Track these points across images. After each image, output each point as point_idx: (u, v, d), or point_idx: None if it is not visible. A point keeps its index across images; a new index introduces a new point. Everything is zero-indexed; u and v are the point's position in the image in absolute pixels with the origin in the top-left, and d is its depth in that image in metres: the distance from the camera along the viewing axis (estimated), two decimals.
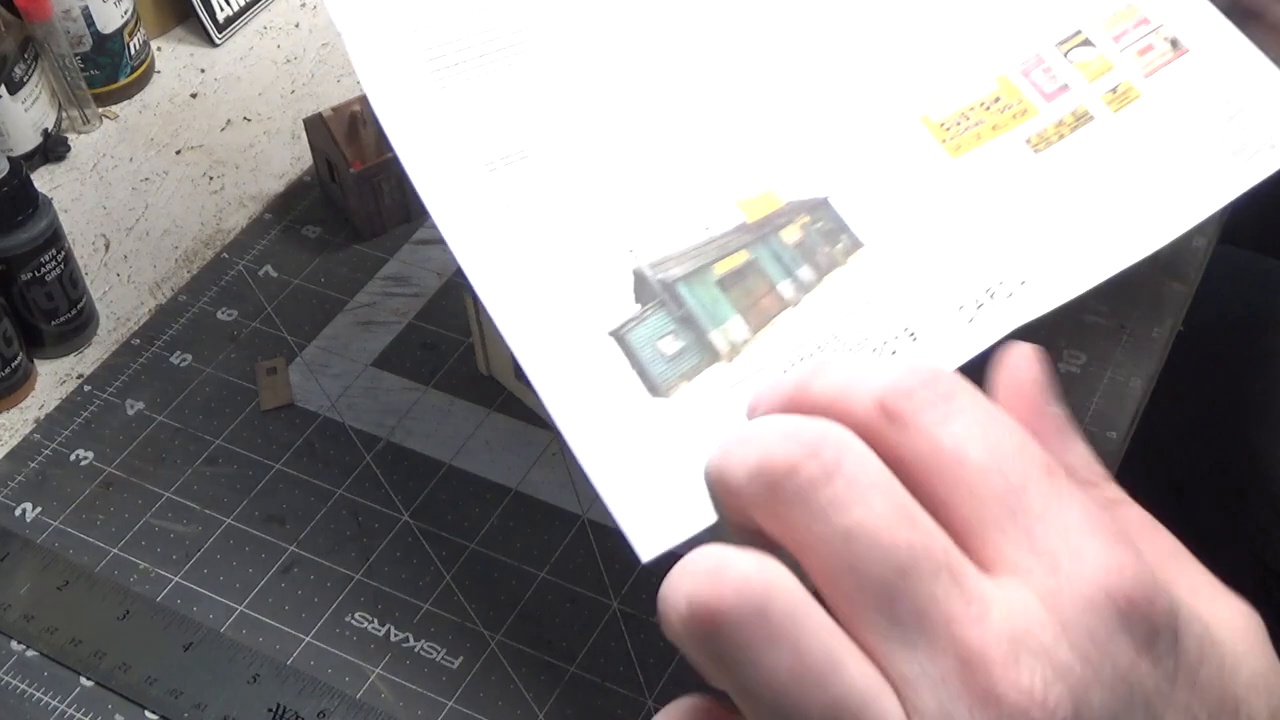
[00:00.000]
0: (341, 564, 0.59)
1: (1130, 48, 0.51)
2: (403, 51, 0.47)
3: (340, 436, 0.63)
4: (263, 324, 0.69)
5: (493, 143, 0.46)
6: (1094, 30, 0.51)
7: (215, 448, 0.63)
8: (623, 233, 0.45)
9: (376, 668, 0.55)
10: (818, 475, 0.27)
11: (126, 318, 0.71)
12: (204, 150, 0.81)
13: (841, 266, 0.45)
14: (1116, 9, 0.52)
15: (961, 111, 0.49)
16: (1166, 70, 0.51)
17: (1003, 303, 0.45)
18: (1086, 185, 0.48)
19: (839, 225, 0.46)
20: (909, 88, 0.50)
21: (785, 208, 0.47)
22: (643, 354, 0.43)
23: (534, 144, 0.47)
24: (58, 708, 0.54)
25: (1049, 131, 0.49)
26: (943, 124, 0.49)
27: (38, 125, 0.79)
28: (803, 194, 0.47)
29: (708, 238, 0.46)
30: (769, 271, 0.45)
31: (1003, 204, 0.47)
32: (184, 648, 0.55)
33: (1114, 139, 0.49)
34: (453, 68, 0.47)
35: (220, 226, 0.75)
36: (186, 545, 0.60)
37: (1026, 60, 0.51)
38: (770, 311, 0.44)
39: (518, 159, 0.46)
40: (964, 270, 0.45)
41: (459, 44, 0.48)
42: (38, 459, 0.64)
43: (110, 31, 0.81)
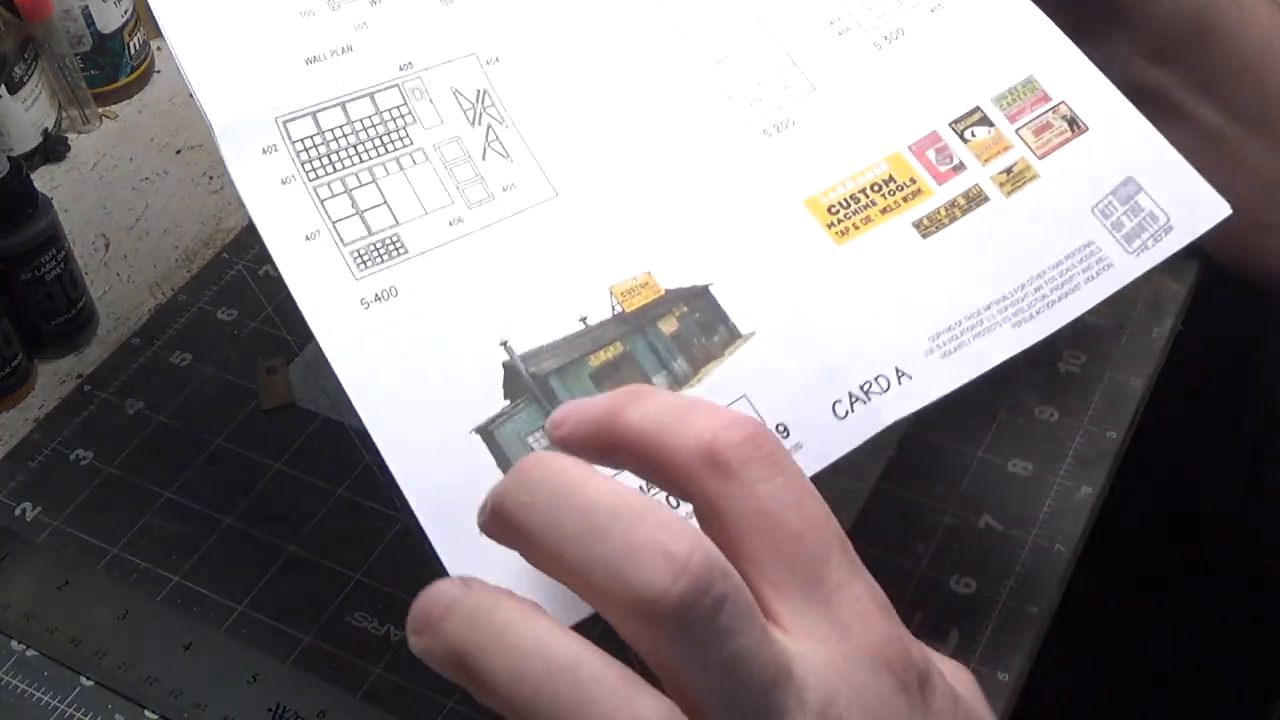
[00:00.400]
0: (341, 564, 0.59)
1: (1027, 126, 0.49)
2: (269, 139, 0.45)
3: (340, 436, 0.63)
4: (263, 324, 0.69)
5: (362, 231, 0.44)
6: (991, 108, 0.49)
7: (215, 448, 0.63)
8: (495, 325, 0.43)
9: (376, 668, 0.55)
10: (708, 611, 0.29)
11: (126, 318, 0.71)
12: (204, 150, 0.81)
13: (717, 359, 0.44)
14: (1015, 84, 0.50)
15: (851, 194, 0.47)
16: (1064, 150, 0.49)
17: (878, 399, 0.43)
18: (976, 273, 0.46)
19: (717, 315, 0.44)
20: (793, 167, 0.48)
21: (665, 296, 0.45)
22: (512, 451, 0.41)
23: (410, 233, 0.45)
24: (58, 708, 0.54)
25: (940, 214, 0.47)
26: (830, 208, 0.47)
27: (38, 125, 0.79)
28: (683, 280, 0.45)
29: (583, 328, 0.44)
30: (644, 364, 0.43)
31: (885, 294, 0.45)
32: (184, 648, 0.55)
33: (1007, 223, 0.47)
34: (320, 161, 0.45)
35: (220, 226, 0.75)
36: (186, 545, 0.60)
37: (921, 138, 0.49)
38: None
39: (390, 251, 0.44)
40: (842, 365, 0.44)
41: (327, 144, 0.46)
42: (38, 459, 0.63)
43: (110, 31, 0.81)
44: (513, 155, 0.47)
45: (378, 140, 0.46)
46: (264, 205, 0.44)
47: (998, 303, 0.46)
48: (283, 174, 0.45)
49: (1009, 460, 0.62)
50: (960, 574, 0.57)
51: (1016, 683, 0.54)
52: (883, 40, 0.51)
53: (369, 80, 0.47)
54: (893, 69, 0.50)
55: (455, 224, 0.45)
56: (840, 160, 0.48)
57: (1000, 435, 0.63)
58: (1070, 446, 0.62)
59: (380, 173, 0.45)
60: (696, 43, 0.50)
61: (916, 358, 0.44)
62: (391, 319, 0.43)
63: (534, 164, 0.47)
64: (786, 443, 0.42)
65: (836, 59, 0.50)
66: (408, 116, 0.46)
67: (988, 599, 0.56)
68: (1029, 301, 0.46)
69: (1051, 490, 0.60)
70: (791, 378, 0.44)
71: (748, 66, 0.50)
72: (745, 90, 0.49)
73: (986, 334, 0.45)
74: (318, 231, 0.44)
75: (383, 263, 0.44)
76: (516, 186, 0.46)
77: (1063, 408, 0.64)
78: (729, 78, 0.50)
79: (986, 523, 0.59)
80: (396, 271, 0.44)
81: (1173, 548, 0.86)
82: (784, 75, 0.50)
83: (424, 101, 0.47)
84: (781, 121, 0.49)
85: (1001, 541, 0.59)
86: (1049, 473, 0.61)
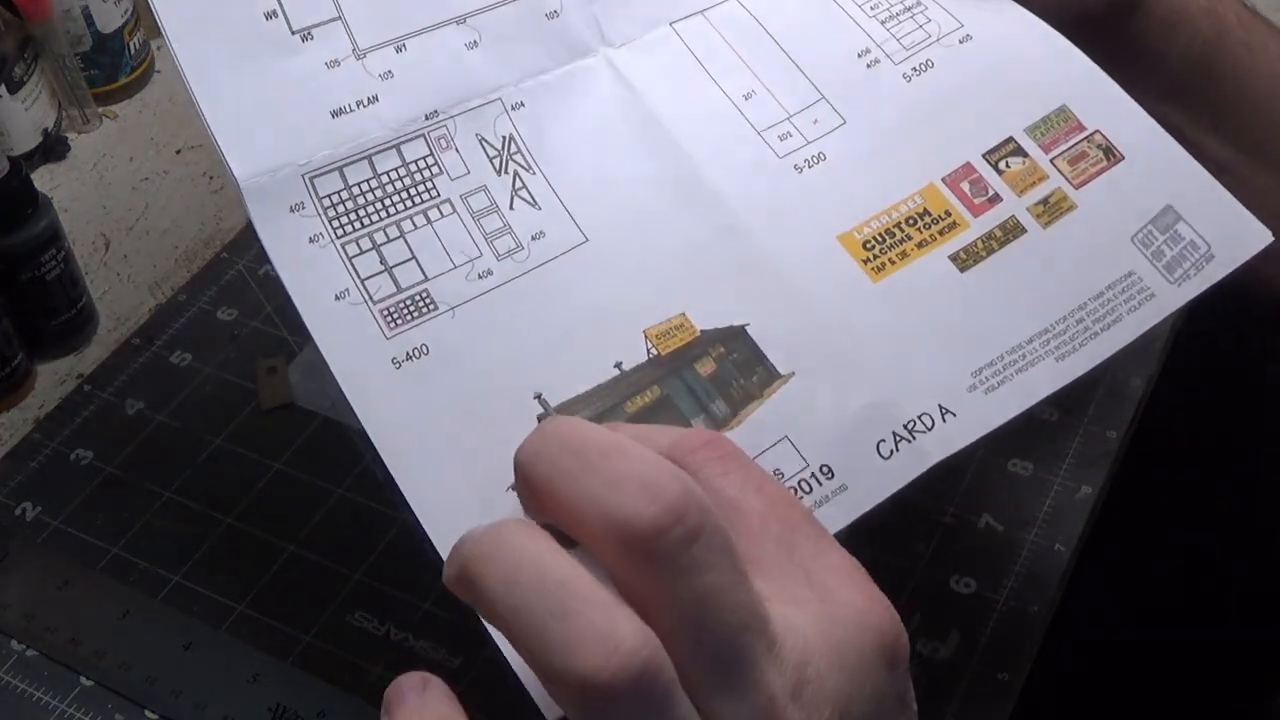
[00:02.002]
0: (341, 564, 0.59)
1: (1062, 155, 0.48)
2: (296, 196, 0.44)
3: (340, 436, 0.63)
4: (263, 323, 0.69)
5: (391, 288, 0.44)
6: (1025, 138, 0.49)
7: (215, 448, 0.63)
8: (529, 377, 0.42)
9: (376, 668, 0.55)
10: (680, 540, 0.30)
11: (126, 317, 0.71)
12: (204, 150, 0.81)
13: (757, 400, 0.43)
14: (1048, 114, 0.49)
15: (886, 228, 0.46)
16: (1101, 179, 0.48)
17: (922, 439, 0.43)
18: (1016, 305, 0.45)
19: (755, 356, 0.44)
20: (826, 203, 0.47)
21: (701, 337, 0.44)
22: None
23: (439, 287, 0.44)
24: (58, 707, 0.54)
25: (977, 247, 0.46)
26: (865, 243, 0.46)
27: (38, 125, 0.79)
28: (719, 321, 0.44)
29: (618, 374, 0.43)
30: (682, 407, 0.42)
31: (925, 330, 0.45)
32: (184, 648, 0.55)
33: (1045, 254, 0.46)
34: (348, 217, 0.44)
35: (220, 226, 0.75)
36: (186, 545, 0.60)
37: (955, 170, 0.48)
38: None
39: (420, 308, 0.43)
40: (884, 404, 0.43)
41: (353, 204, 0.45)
42: (38, 459, 0.64)
43: (110, 31, 0.81)
44: (541, 203, 0.46)
45: (404, 193, 0.45)
46: (292, 265, 0.43)
47: (1039, 336, 0.45)
48: (311, 232, 0.44)
49: (1009, 460, 0.62)
50: (960, 574, 0.57)
51: (1016, 683, 0.54)
52: (912, 72, 0.50)
53: (395, 131, 0.46)
54: (923, 101, 0.49)
55: (485, 276, 0.44)
56: (873, 194, 0.47)
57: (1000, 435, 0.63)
58: (1070, 446, 0.62)
59: (408, 227, 0.44)
60: (724, 78, 0.49)
61: (960, 394, 0.44)
62: (424, 378, 0.42)
63: (562, 210, 0.46)
64: (830, 484, 0.42)
65: (866, 92, 0.49)
66: (434, 168, 0.46)
67: (988, 599, 0.56)
68: (1071, 334, 0.45)
69: (1051, 490, 0.61)
70: (833, 417, 0.43)
71: (776, 100, 0.49)
72: (775, 125, 0.49)
73: (1029, 368, 0.44)
74: (347, 291, 0.43)
75: (413, 320, 0.43)
76: (545, 235, 0.45)
77: (1063, 408, 0.64)
78: (757, 113, 0.49)
79: (986, 523, 0.59)
80: (427, 329, 0.43)
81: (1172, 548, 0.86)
82: (813, 109, 0.49)
83: (450, 151, 0.46)
84: (813, 156, 0.48)
85: (1001, 541, 0.59)
86: (1049, 473, 0.61)
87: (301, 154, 0.44)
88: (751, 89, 0.49)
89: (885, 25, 0.50)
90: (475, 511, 0.39)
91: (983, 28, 0.51)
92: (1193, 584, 0.86)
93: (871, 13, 0.51)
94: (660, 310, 0.44)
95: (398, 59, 0.46)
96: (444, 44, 0.47)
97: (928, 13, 0.50)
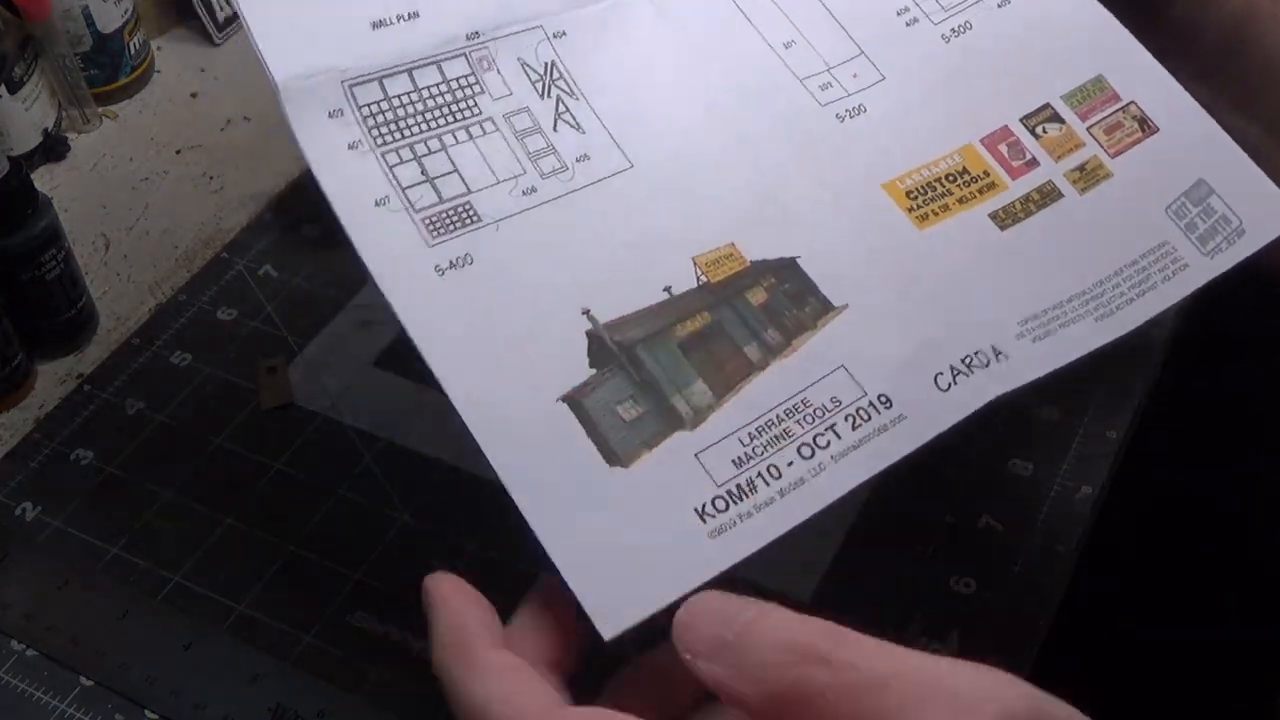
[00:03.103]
0: (341, 564, 0.59)
1: (1098, 124, 0.50)
2: (335, 102, 0.44)
3: (340, 436, 0.63)
4: (263, 324, 0.69)
5: (433, 198, 0.44)
6: (1062, 105, 0.50)
7: (215, 448, 0.63)
8: (576, 294, 0.43)
9: (376, 668, 0.55)
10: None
11: (126, 317, 0.71)
12: (204, 150, 0.81)
13: (811, 330, 0.44)
14: (1084, 81, 0.50)
15: (927, 181, 0.48)
16: (1136, 150, 0.49)
17: (980, 373, 0.43)
18: (1055, 267, 0.46)
19: (807, 287, 0.44)
20: (869, 152, 0.48)
21: (751, 268, 0.45)
22: (600, 420, 0.41)
23: (482, 201, 0.44)
24: (58, 708, 0.54)
25: (1016, 208, 0.47)
26: (908, 192, 0.47)
27: (38, 125, 0.79)
28: (768, 254, 0.45)
29: (667, 298, 0.43)
30: (734, 334, 0.43)
31: (971, 278, 0.46)
32: (184, 648, 0.55)
33: (1082, 219, 0.48)
34: (388, 127, 0.45)
35: (220, 226, 0.75)
36: (186, 545, 0.60)
37: (992, 132, 0.49)
38: (736, 376, 0.42)
39: (464, 218, 0.44)
40: (939, 339, 0.44)
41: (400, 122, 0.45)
42: (38, 459, 0.64)
43: (110, 31, 0.81)
44: (585, 127, 0.46)
45: (446, 109, 0.45)
46: (331, 170, 0.43)
47: (1079, 296, 0.46)
48: (350, 139, 0.44)
49: (1009, 460, 0.62)
50: (960, 574, 0.57)
51: None
52: (950, 33, 0.51)
53: (435, 48, 0.46)
54: (961, 63, 0.50)
55: (529, 193, 0.45)
56: (914, 149, 0.48)
57: (1000, 435, 0.63)
58: (1070, 446, 0.62)
59: (449, 140, 0.45)
60: (764, 26, 0.50)
61: (1009, 339, 0.44)
62: (467, 286, 0.42)
63: (607, 136, 0.46)
64: (889, 414, 0.42)
65: (904, 49, 0.51)
66: (475, 86, 0.46)
67: (988, 599, 0.56)
68: (1109, 297, 0.46)
69: (1051, 490, 0.60)
70: (889, 349, 0.44)
71: (815, 52, 0.50)
72: (815, 75, 0.50)
73: (1071, 324, 0.45)
74: (387, 198, 0.43)
75: (456, 230, 0.43)
76: (590, 158, 0.46)
77: (1063, 407, 0.64)
78: (798, 61, 0.50)
79: (986, 523, 0.59)
80: (471, 238, 0.43)
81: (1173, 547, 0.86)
82: (853, 63, 0.50)
83: (492, 72, 0.46)
84: (853, 108, 0.49)
85: (1001, 541, 0.59)
86: (1049, 473, 0.61)
87: (341, 61, 0.44)
88: (791, 39, 0.50)
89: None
90: (524, 422, 0.40)
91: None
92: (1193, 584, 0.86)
93: None
94: (708, 240, 0.45)
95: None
96: None
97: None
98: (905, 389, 0.43)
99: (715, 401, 0.42)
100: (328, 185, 0.43)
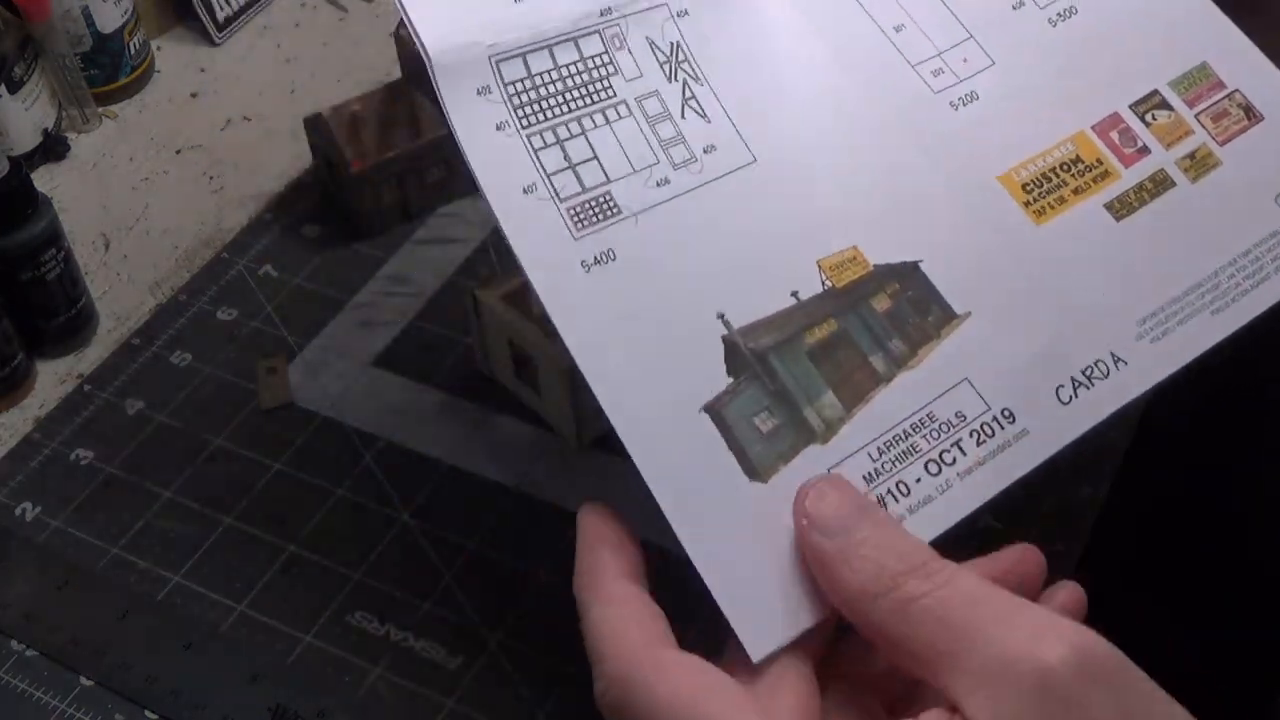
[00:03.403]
0: (341, 564, 0.59)
1: (1206, 112, 0.50)
2: (483, 78, 0.44)
3: (340, 436, 0.63)
4: (263, 324, 0.69)
5: (576, 186, 0.44)
6: (1169, 92, 0.50)
7: (215, 447, 0.63)
8: (711, 295, 0.43)
9: (376, 668, 0.55)
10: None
11: (126, 317, 0.71)
12: (204, 150, 0.81)
13: (935, 340, 0.43)
14: (1189, 69, 0.50)
15: (1042, 172, 0.47)
16: (1243, 139, 0.49)
17: (1100, 385, 0.43)
18: (1171, 257, 0.46)
19: (930, 294, 0.44)
20: (984, 142, 0.48)
21: (874, 272, 0.44)
22: (740, 432, 0.41)
23: (621, 191, 0.44)
24: (58, 707, 0.54)
25: (1130, 197, 0.47)
26: (1024, 185, 0.47)
27: (38, 125, 0.79)
28: (890, 255, 0.45)
29: (795, 304, 0.43)
30: (860, 343, 0.43)
31: (1090, 275, 0.46)
32: (184, 648, 0.55)
33: (1195, 208, 0.48)
34: (532, 107, 0.45)
35: (220, 226, 0.75)
36: (186, 545, 0.60)
37: (1103, 119, 0.49)
38: (864, 387, 0.42)
39: (605, 210, 0.44)
40: (1060, 348, 0.44)
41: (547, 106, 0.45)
42: (38, 459, 0.64)
43: (110, 31, 0.81)
44: (710, 115, 0.46)
45: (584, 89, 0.45)
46: (481, 152, 0.43)
47: (1195, 289, 0.46)
48: (497, 119, 0.44)
49: None
50: None
51: None
52: (1056, 17, 0.51)
53: (572, 23, 0.46)
54: (1068, 47, 0.50)
55: (663, 185, 0.44)
56: (1027, 137, 0.48)
57: None
58: None
59: (588, 124, 0.45)
60: (874, 8, 0.50)
61: (1129, 342, 0.45)
62: (611, 284, 0.42)
63: (730, 127, 0.46)
64: (1011, 429, 0.43)
65: (1012, 33, 0.51)
66: (609, 66, 0.46)
67: None
68: (1224, 289, 0.46)
69: (1052, 490, 0.60)
70: (1012, 360, 0.44)
71: (926, 36, 0.50)
72: (927, 60, 0.50)
73: (1188, 320, 0.45)
74: (534, 185, 0.43)
75: (599, 222, 0.43)
76: (716, 149, 0.46)
77: None
78: (909, 45, 0.50)
79: (986, 523, 0.59)
80: (613, 233, 0.43)
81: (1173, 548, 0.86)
82: (962, 47, 0.50)
83: (624, 51, 0.46)
84: (966, 94, 0.49)
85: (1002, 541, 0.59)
86: (1049, 473, 0.61)
87: (486, 36, 0.44)
88: (901, 22, 0.50)
89: None
90: (670, 431, 0.41)
91: None
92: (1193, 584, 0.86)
93: None
94: (832, 241, 0.45)
95: None
96: None
97: None
98: (1028, 402, 0.43)
99: (845, 414, 0.42)
100: (478, 167, 0.43)
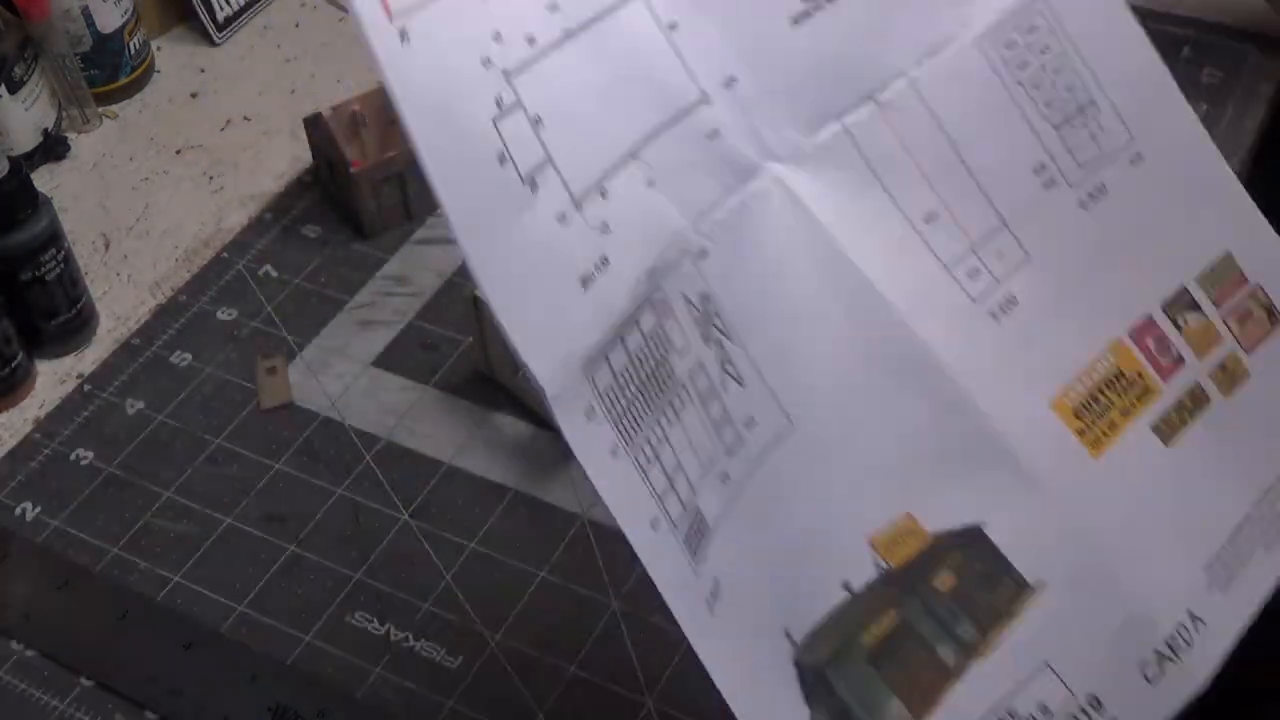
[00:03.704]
0: (341, 564, 0.59)
1: (1231, 313, 0.47)
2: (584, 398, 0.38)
3: (340, 436, 0.63)
4: (263, 324, 0.69)
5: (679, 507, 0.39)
6: (1197, 290, 0.47)
7: (215, 447, 0.64)
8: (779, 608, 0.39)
9: (376, 668, 0.55)
10: None
11: (126, 317, 0.71)
12: (204, 150, 0.81)
13: (1007, 619, 0.40)
14: (1214, 260, 0.48)
15: (1090, 393, 0.44)
16: (1267, 343, 0.47)
17: (1185, 656, 0.41)
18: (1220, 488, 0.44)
19: (998, 562, 0.40)
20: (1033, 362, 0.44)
21: (934, 543, 0.40)
22: None
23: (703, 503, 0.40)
24: (58, 708, 0.54)
25: (1173, 418, 0.45)
26: (1075, 412, 0.43)
27: (38, 125, 0.79)
28: (948, 519, 0.40)
29: (848, 597, 0.39)
30: (924, 632, 0.39)
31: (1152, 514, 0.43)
32: (184, 648, 0.55)
33: (1231, 428, 0.45)
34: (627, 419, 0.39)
35: (220, 226, 0.75)
36: (186, 545, 0.60)
37: (1139, 324, 0.46)
38: (932, 689, 0.39)
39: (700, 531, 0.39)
40: (1140, 616, 0.41)
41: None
42: (38, 459, 0.64)
43: (110, 31, 0.81)
44: (744, 377, 0.41)
45: (653, 379, 0.40)
46: (609, 489, 0.37)
47: (1245, 521, 0.44)
48: (609, 443, 0.38)
49: None
50: None
51: None
52: (1088, 198, 0.47)
53: (631, 299, 0.40)
54: (1100, 237, 0.47)
55: (725, 481, 0.40)
56: (1069, 351, 0.45)
57: None
58: None
59: (666, 423, 0.39)
60: (901, 194, 0.44)
61: (1202, 595, 0.42)
62: (724, 622, 0.38)
63: (762, 385, 0.41)
64: (1099, 717, 0.39)
65: (1045, 219, 0.46)
66: (666, 343, 0.40)
67: None
68: (1269, 521, 0.44)
69: None
70: (1094, 638, 0.40)
71: (958, 224, 0.45)
72: (962, 260, 0.45)
73: (1246, 561, 0.43)
74: (658, 520, 0.38)
75: (702, 548, 0.39)
76: (756, 422, 0.41)
77: None
78: (941, 242, 0.44)
79: None
80: (712, 561, 0.38)
81: None
82: (997, 239, 0.45)
83: (671, 320, 0.41)
84: (1005, 300, 0.45)
85: None
86: None
87: (575, 341, 0.38)
88: (932, 210, 0.45)
89: (1058, 130, 0.47)
90: None
91: (1151, 145, 0.48)
92: None
93: (1045, 112, 0.47)
94: (882, 510, 0.40)
95: (605, 208, 0.40)
96: (632, 185, 0.40)
97: (1100, 118, 0.47)
98: (1114, 687, 0.40)
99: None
100: (613, 507, 0.37)
